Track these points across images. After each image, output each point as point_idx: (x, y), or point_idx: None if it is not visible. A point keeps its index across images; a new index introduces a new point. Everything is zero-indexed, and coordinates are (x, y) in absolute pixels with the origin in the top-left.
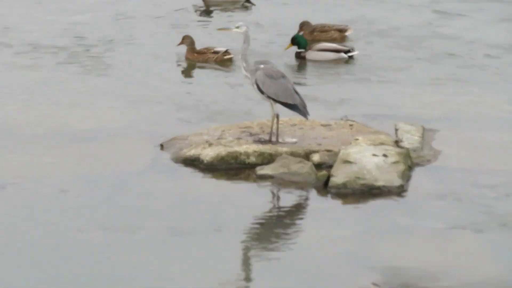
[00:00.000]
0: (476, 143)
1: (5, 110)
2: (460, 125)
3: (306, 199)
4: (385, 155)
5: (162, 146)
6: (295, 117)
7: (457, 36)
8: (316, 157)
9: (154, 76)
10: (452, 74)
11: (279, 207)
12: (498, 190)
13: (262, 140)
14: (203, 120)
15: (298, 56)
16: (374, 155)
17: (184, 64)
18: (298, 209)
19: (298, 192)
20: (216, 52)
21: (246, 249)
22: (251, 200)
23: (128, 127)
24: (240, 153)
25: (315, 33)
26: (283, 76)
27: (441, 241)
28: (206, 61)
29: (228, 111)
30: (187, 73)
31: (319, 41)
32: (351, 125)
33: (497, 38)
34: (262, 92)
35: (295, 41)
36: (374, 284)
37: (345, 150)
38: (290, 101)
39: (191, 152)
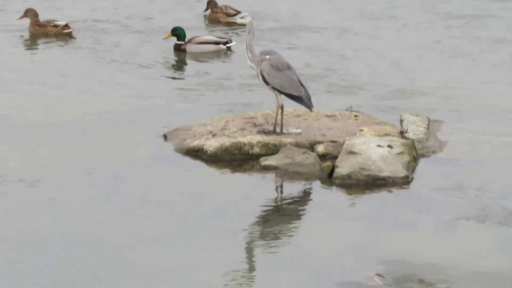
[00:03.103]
0: (481, 134)
1: (3, 99)
2: (466, 116)
3: (310, 190)
4: (390, 146)
5: (165, 136)
6: (300, 108)
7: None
8: (320, 148)
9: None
10: (459, 66)
11: (283, 198)
12: (503, 182)
13: (267, 131)
14: (205, 111)
15: (178, 48)
16: (379, 146)
17: (27, 37)
18: (302, 200)
19: (302, 183)
20: (56, 26)
21: (250, 240)
22: (255, 191)
23: (130, 118)
24: (244, 144)
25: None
26: (289, 68)
27: (446, 233)
28: (46, 34)
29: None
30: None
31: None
32: (356, 116)
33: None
34: (267, 83)
35: (175, 32)
36: (378, 275)
37: (350, 141)
38: (295, 93)
39: (195, 142)
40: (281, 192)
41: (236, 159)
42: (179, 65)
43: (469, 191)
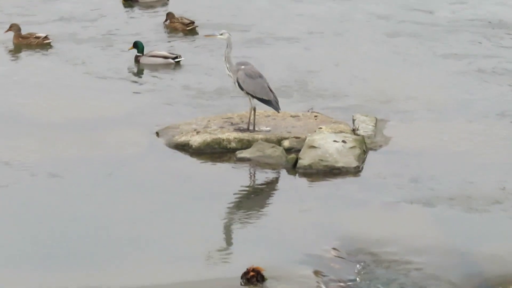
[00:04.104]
0: (420, 131)
1: (11, 98)
2: (407, 116)
3: (278, 177)
4: (344, 141)
5: (157, 133)
6: (269, 109)
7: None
8: (286, 143)
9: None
10: (405, 74)
11: (255, 184)
12: (438, 170)
13: (242, 128)
14: (192, 112)
15: (136, 59)
16: (335, 141)
17: (12, 48)
18: (271, 186)
19: (271, 172)
20: (37, 37)
21: (228, 219)
22: (232, 178)
23: (124, 118)
24: (223, 140)
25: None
26: (260, 76)
27: (391, 213)
28: (29, 44)
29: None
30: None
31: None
32: (316, 116)
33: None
34: (242, 89)
35: (135, 45)
36: (334, 249)
37: (311, 137)
38: (265, 97)
39: (182, 138)
40: (254, 179)
41: (216, 152)
42: (137, 75)
43: (411, 178)
